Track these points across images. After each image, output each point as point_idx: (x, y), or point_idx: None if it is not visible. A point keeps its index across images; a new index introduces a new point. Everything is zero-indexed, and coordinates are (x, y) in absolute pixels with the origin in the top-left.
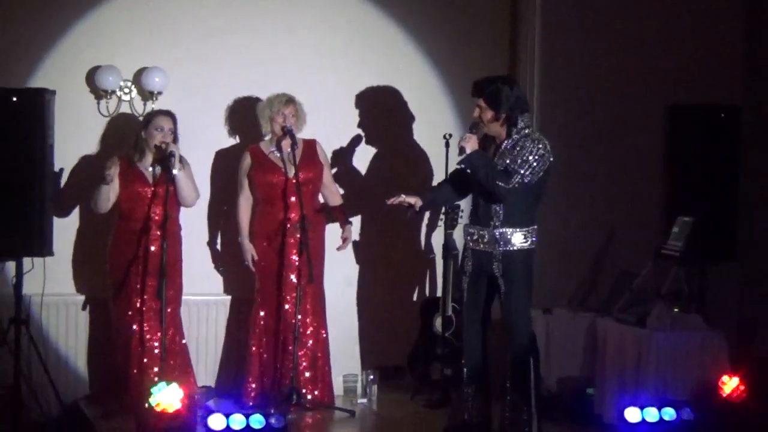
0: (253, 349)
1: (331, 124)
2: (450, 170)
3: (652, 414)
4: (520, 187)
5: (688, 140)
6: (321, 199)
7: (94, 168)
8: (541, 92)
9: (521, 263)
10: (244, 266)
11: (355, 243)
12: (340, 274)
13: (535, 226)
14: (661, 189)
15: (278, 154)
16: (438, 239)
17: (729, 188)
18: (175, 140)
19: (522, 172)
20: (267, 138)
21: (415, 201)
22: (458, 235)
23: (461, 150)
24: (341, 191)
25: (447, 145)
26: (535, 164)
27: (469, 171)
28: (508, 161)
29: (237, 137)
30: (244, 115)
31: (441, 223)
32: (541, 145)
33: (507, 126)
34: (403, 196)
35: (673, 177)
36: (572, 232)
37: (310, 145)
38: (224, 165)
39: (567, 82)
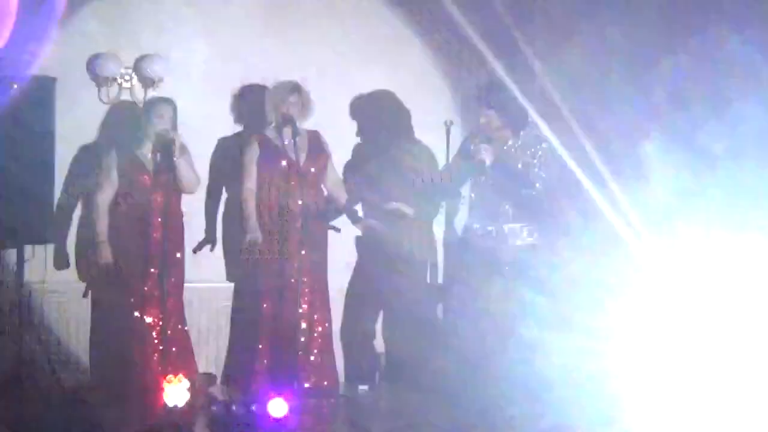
0: (260, 336)
1: (332, 112)
2: (451, 156)
3: None
4: (543, 190)
5: None
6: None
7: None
8: (540, 79)
9: (527, 257)
10: (253, 242)
11: (357, 238)
12: (343, 260)
13: (540, 222)
14: None
15: (284, 142)
16: (440, 227)
17: None
18: (174, 127)
19: (543, 175)
20: (273, 125)
21: (409, 212)
22: (459, 223)
23: (481, 162)
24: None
25: (448, 131)
26: (551, 165)
27: (492, 183)
28: (521, 164)
29: (238, 124)
30: (245, 102)
31: (443, 211)
32: (551, 144)
33: (514, 127)
34: (401, 205)
35: None
36: None
37: (315, 135)
38: (225, 152)
39: (566, 69)
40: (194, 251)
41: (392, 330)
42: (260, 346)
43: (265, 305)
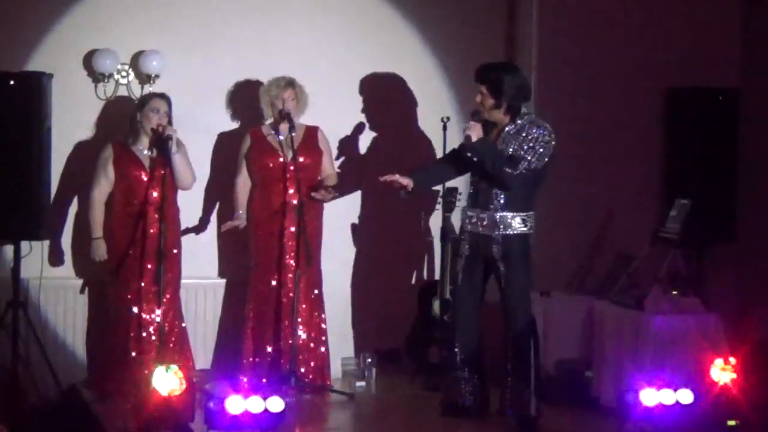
0: (248, 332)
1: (330, 108)
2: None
3: (649, 396)
4: (526, 173)
5: (686, 123)
6: None
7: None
8: (538, 76)
9: (520, 247)
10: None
11: (353, 226)
12: (337, 257)
13: (534, 212)
14: (659, 172)
15: (278, 138)
16: (436, 222)
17: (727, 171)
18: (170, 123)
19: (528, 158)
20: (268, 122)
21: (407, 183)
22: (456, 218)
23: (467, 138)
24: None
25: (445, 128)
26: (541, 150)
27: (475, 159)
28: (513, 147)
29: (235, 120)
30: (241, 98)
31: (439, 207)
32: (546, 131)
33: (509, 113)
34: (397, 175)
35: (670, 160)
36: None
37: (312, 132)
38: (222, 148)
39: (565, 66)
40: (182, 233)
41: (389, 324)
42: (250, 338)
43: (257, 299)
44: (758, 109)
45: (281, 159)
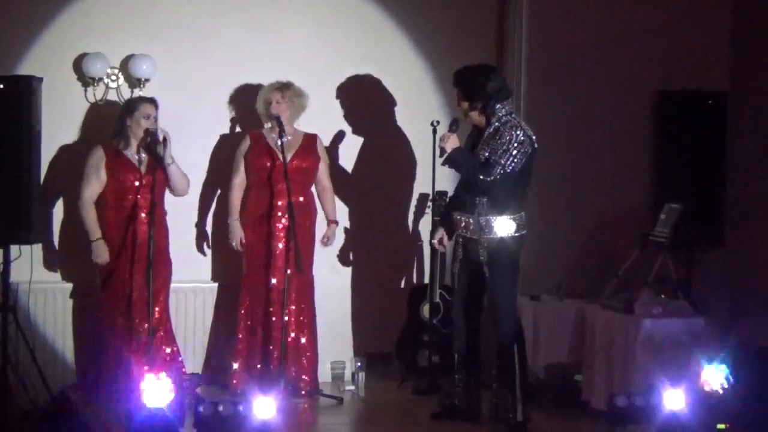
0: (240, 336)
1: (320, 112)
2: (437, 157)
3: (639, 400)
4: (503, 177)
5: (675, 126)
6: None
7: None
8: (528, 79)
9: (506, 250)
10: (230, 246)
11: (345, 230)
12: (328, 261)
13: (522, 213)
14: (648, 175)
15: (277, 141)
16: (426, 226)
17: (716, 174)
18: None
19: (502, 162)
20: (267, 125)
21: (442, 236)
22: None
23: (442, 151)
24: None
25: (434, 131)
26: (515, 152)
27: (452, 169)
28: (487, 152)
29: (224, 124)
30: (231, 101)
31: (428, 210)
32: (519, 132)
33: (484, 114)
34: (444, 238)
35: (660, 163)
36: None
37: (311, 138)
38: (212, 152)
39: (554, 70)
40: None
41: (379, 328)
42: (243, 345)
43: (248, 304)
44: (748, 112)
45: (278, 161)
